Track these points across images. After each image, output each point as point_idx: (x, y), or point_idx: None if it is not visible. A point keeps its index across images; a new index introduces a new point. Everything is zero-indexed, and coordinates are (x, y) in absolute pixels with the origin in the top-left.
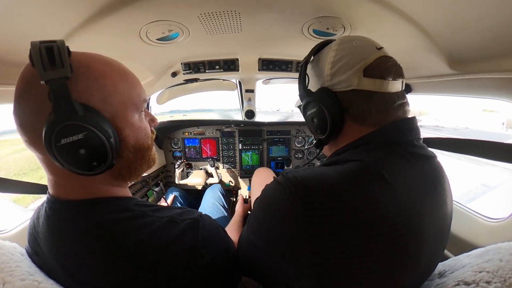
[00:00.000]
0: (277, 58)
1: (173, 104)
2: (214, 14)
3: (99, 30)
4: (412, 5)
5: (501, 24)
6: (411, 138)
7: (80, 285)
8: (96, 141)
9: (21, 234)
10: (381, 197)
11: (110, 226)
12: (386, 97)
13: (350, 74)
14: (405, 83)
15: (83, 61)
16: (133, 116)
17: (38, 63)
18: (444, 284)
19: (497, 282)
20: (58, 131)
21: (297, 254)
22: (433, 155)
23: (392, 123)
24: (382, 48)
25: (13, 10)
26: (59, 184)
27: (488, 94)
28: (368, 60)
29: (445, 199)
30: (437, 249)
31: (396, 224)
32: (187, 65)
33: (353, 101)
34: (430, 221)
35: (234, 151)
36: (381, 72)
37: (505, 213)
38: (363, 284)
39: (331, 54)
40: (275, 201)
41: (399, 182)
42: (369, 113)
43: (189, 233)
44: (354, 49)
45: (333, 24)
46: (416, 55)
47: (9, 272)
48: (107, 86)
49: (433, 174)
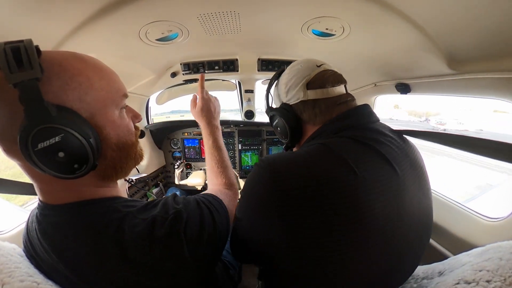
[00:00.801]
0: (276, 58)
1: (172, 104)
2: (214, 15)
3: (99, 30)
4: (411, 6)
5: (500, 24)
6: (359, 123)
7: (73, 285)
8: (74, 142)
9: (20, 235)
10: (334, 168)
11: (97, 228)
12: (328, 101)
13: (297, 90)
14: (404, 82)
15: (55, 60)
16: (113, 113)
17: (4, 65)
18: (444, 282)
19: (497, 281)
20: (33, 136)
21: (269, 220)
22: (387, 134)
23: (335, 116)
24: (322, 65)
25: (13, 10)
26: (44, 190)
27: (487, 94)
28: (309, 77)
29: (400, 175)
30: (410, 225)
31: (355, 190)
32: (186, 66)
33: (303, 109)
34: (380, 189)
35: (233, 152)
36: (320, 83)
37: (504, 212)
38: (329, 246)
39: (284, 77)
40: (253, 179)
41: (347, 156)
42: (315, 115)
43: (173, 229)
44: (299, 71)
45: (332, 24)
46: (415, 55)
47: (8, 273)
48: (82, 84)
49: (386, 151)
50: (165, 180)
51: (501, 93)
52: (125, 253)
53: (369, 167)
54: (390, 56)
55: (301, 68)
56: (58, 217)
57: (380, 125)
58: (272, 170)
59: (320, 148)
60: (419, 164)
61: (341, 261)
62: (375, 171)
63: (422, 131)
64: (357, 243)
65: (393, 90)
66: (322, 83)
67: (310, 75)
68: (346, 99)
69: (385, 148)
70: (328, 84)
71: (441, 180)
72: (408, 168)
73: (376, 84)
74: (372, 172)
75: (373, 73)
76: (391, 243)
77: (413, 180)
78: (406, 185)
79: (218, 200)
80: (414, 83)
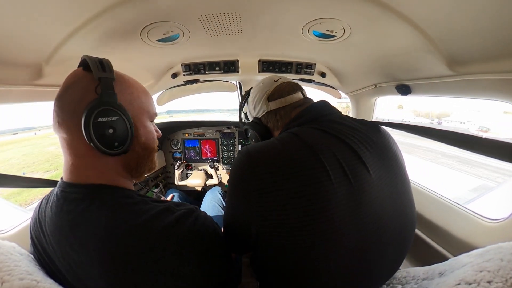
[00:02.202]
0: (277, 60)
1: (171, 104)
2: (215, 16)
3: (100, 31)
4: (412, 7)
5: (500, 25)
6: (318, 116)
7: (74, 268)
8: (123, 125)
9: (20, 234)
10: (300, 151)
11: (114, 207)
12: (287, 107)
13: (261, 103)
14: (404, 84)
15: (119, 74)
16: (147, 121)
17: (94, 67)
18: (445, 283)
19: (498, 282)
20: (98, 111)
21: (248, 199)
22: (347, 123)
23: (294, 117)
24: (279, 79)
25: (13, 11)
26: (75, 165)
27: (487, 95)
28: (269, 91)
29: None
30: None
31: (317, 172)
32: (187, 66)
33: (269, 119)
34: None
35: (234, 152)
36: (278, 94)
37: (504, 213)
38: (297, 231)
39: (251, 96)
40: (235, 165)
41: (310, 141)
42: (277, 121)
43: (182, 220)
44: (260, 87)
45: (333, 26)
46: (415, 56)
47: (7, 272)
48: (133, 93)
49: (346, 137)
50: (165, 180)
51: (502, 95)
52: (135, 232)
53: (329, 150)
54: (390, 58)
55: (262, 85)
56: (77, 194)
57: (339, 116)
58: (249, 155)
59: (287, 135)
60: (392, 153)
61: (310, 248)
62: (335, 154)
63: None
64: (319, 224)
65: (394, 92)
66: (280, 94)
67: (269, 90)
68: (303, 102)
69: (344, 133)
70: (285, 94)
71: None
72: (373, 154)
73: (376, 86)
74: (332, 155)
75: (373, 75)
76: (360, 227)
77: (380, 166)
78: (372, 170)
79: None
80: (415, 85)
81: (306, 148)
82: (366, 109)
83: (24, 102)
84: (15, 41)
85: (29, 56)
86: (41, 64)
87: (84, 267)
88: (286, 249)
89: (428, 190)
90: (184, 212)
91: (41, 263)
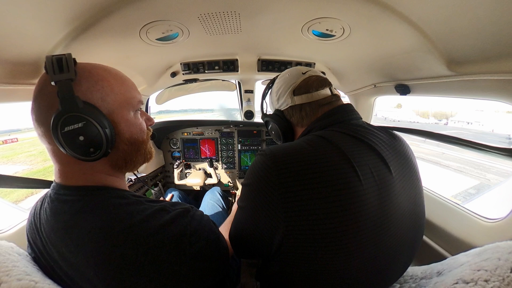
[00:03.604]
0: (276, 59)
1: (162, 105)
2: (214, 15)
3: (99, 30)
4: (411, 7)
5: (499, 26)
6: (344, 119)
7: (71, 270)
8: (92, 130)
9: (18, 234)
10: (332, 156)
11: (108, 208)
12: (313, 104)
13: (286, 97)
14: (403, 84)
15: (86, 68)
16: (128, 114)
17: (50, 69)
18: (443, 282)
19: (495, 280)
20: (63, 120)
21: (272, 205)
22: (372, 129)
23: (321, 116)
24: (307, 71)
25: (13, 12)
26: (63, 172)
27: (486, 95)
28: (295, 84)
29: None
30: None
31: (345, 175)
32: (186, 65)
33: (292, 114)
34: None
35: (233, 152)
36: (305, 89)
37: (502, 213)
38: (325, 229)
39: (275, 86)
40: (257, 167)
41: (343, 147)
42: (302, 118)
43: (178, 220)
44: (286, 79)
45: (332, 25)
46: (414, 56)
47: (5, 272)
48: (105, 87)
49: (375, 144)
50: (164, 180)
51: (500, 95)
52: (130, 232)
53: (361, 157)
54: (390, 57)
55: (288, 77)
56: (71, 196)
57: (363, 122)
58: (275, 157)
59: (316, 138)
60: (410, 160)
61: (334, 257)
62: (367, 162)
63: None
64: (349, 234)
65: (393, 91)
66: (307, 89)
67: (296, 83)
68: (331, 100)
69: (373, 141)
70: (312, 89)
71: None
72: (397, 164)
73: (375, 85)
74: (365, 163)
75: (372, 74)
76: (382, 239)
77: (403, 177)
78: (396, 181)
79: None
80: (414, 84)
81: (339, 154)
82: (365, 109)
83: (24, 101)
84: (14, 40)
85: (28, 55)
86: (40, 63)
87: (80, 268)
88: (308, 258)
89: (426, 189)
90: (180, 211)
91: (39, 264)
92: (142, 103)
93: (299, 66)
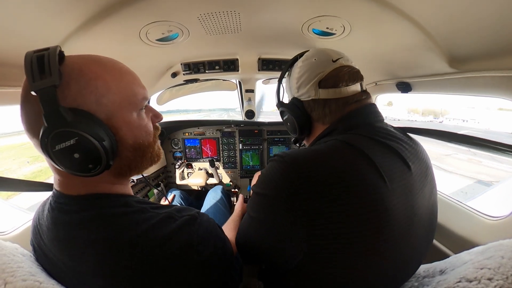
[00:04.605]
0: (277, 58)
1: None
2: (214, 14)
3: (99, 31)
4: (412, 4)
5: (500, 23)
6: (370, 121)
7: (77, 276)
8: (88, 145)
9: (22, 235)
10: (358, 164)
11: (111, 218)
12: (339, 101)
13: (309, 87)
14: (404, 81)
15: (76, 65)
16: (131, 115)
17: (28, 74)
18: (446, 281)
19: (499, 279)
20: (51, 138)
21: (290, 215)
22: (395, 133)
23: (345, 115)
24: (338, 59)
25: (13, 12)
26: (63, 182)
27: (488, 92)
28: (323, 73)
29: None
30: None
31: (375, 188)
32: (187, 66)
33: (313, 108)
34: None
35: (234, 151)
36: (333, 82)
37: (505, 211)
38: (347, 246)
39: (296, 70)
40: (272, 175)
41: (368, 152)
42: (325, 115)
43: (186, 228)
44: (313, 65)
45: (333, 23)
46: (416, 54)
47: (10, 273)
48: (99, 87)
49: (399, 149)
50: (166, 180)
51: (502, 92)
52: (136, 243)
53: (388, 164)
54: (390, 55)
55: (315, 62)
56: (72, 206)
57: (386, 124)
58: (296, 164)
59: (340, 144)
60: (427, 162)
61: (353, 263)
62: (393, 168)
63: (426, 129)
64: (372, 244)
65: (394, 89)
66: (335, 82)
67: (323, 72)
68: (359, 98)
69: (397, 145)
70: (342, 83)
71: None
72: (417, 166)
73: (377, 83)
74: (391, 169)
75: (373, 72)
76: (402, 243)
77: (422, 179)
78: (417, 184)
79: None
80: (415, 82)
81: (369, 163)
82: None
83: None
84: (13, 42)
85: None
86: None
87: (86, 276)
88: (332, 276)
89: None
90: (187, 219)
91: (43, 265)
92: (146, 99)
93: (327, 49)
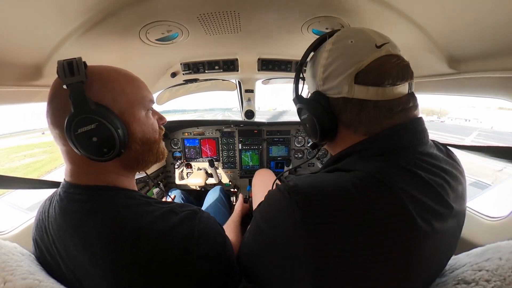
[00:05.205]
0: (276, 58)
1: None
2: (213, 15)
3: (99, 32)
4: (411, 5)
5: (500, 23)
6: (412, 143)
7: (78, 265)
8: (105, 130)
9: (21, 234)
10: (390, 212)
11: (118, 208)
12: (381, 105)
13: (340, 80)
14: None
15: (97, 71)
16: (140, 113)
17: (61, 72)
18: (445, 283)
19: (496, 280)
20: (75, 122)
21: (297, 269)
22: (440, 158)
23: (386, 129)
24: (384, 44)
25: (13, 13)
26: (75, 171)
27: (487, 93)
28: (362, 63)
29: (453, 211)
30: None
31: (403, 239)
32: (186, 66)
33: (343, 110)
34: (437, 234)
35: (234, 151)
36: (377, 77)
37: (504, 211)
38: None
39: (324, 55)
40: (278, 212)
41: (409, 201)
42: (359, 122)
43: (187, 222)
44: (348, 49)
45: (332, 24)
46: (415, 54)
47: (10, 271)
48: (116, 88)
49: (443, 189)
50: (166, 180)
51: (502, 92)
52: (139, 234)
53: (426, 210)
54: None
55: (351, 46)
56: (81, 195)
57: (430, 145)
58: (307, 198)
59: (369, 181)
60: (465, 190)
61: None
62: (432, 218)
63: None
64: None
65: None
66: (379, 78)
67: (363, 62)
68: (408, 105)
69: (441, 182)
70: (388, 81)
71: None
72: (458, 205)
73: None
74: (430, 218)
75: None
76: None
77: (460, 218)
78: (453, 225)
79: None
80: (414, 83)
81: (402, 211)
82: None
83: (24, 103)
84: (13, 41)
85: (28, 56)
86: (41, 64)
87: (86, 266)
88: None
89: None
90: (188, 213)
91: (42, 264)
92: (153, 102)
93: (369, 29)
